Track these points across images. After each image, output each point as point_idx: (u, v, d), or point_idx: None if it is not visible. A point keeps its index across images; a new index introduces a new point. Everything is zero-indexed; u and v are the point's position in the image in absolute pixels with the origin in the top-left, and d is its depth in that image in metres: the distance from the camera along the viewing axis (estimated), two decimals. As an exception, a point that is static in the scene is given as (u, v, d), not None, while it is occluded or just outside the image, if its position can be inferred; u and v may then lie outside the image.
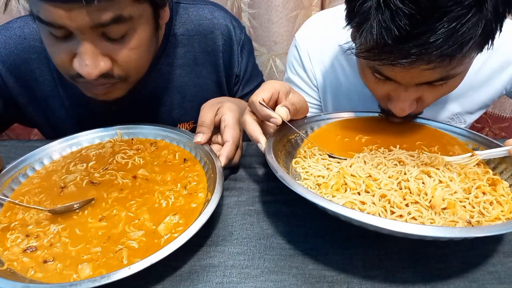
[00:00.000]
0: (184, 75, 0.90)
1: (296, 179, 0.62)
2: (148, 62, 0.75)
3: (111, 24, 0.62)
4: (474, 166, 0.62)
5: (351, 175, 0.58)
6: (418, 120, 0.75)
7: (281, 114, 0.61)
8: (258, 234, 0.60)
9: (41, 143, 0.76)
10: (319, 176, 0.60)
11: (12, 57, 0.81)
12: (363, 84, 0.87)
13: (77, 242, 0.56)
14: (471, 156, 0.62)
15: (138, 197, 0.63)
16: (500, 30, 0.55)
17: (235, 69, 0.94)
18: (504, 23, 0.55)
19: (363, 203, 0.53)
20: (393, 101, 0.67)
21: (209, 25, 0.88)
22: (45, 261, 0.53)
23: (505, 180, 0.60)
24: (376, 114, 0.77)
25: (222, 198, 0.67)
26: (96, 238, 0.56)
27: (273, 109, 0.63)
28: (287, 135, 0.68)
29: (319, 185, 0.58)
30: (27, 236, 0.57)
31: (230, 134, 0.69)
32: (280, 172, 0.53)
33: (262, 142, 0.61)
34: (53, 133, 0.92)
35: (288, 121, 0.63)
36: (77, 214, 0.61)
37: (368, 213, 0.50)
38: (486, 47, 0.56)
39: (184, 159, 0.72)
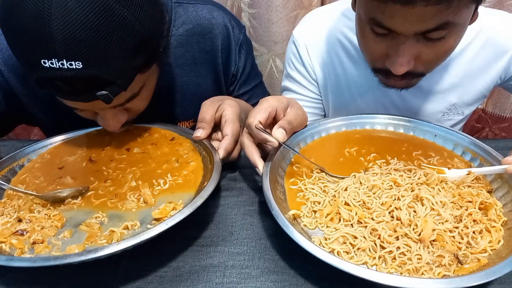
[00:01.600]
0: (183, 74, 0.90)
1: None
2: None
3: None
4: (471, 181, 0.62)
5: (345, 203, 0.59)
6: (417, 126, 0.75)
7: (277, 136, 0.61)
8: (258, 234, 0.60)
9: (40, 143, 0.76)
10: (315, 202, 0.60)
11: (14, 58, 0.81)
12: (362, 76, 0.87)
13: (68, 227, 0.57)
14: (467, 174, 0.62)
15: (136, 167, 0.68)
16: None
17: (232, 68, 0.94)
18: None
19: (355, 237, 0.54)
20: (391, 58, 0.66)
21: (208, 25, 0.89)
22: (34, 243, 0.53)
23: (500, 196, 0.60)
24: (377, 126, 0.76)
25: (221, 198, 0.68)
26: (90, 219, 0.57)
27: (272, 124, 0.63)
28: (284, 153, 0.68)
29: (314, 212, 0.59)
30: (19, 221, 0.58)
31: (229, 128, 0.69)
32: (275, 211, 0.54)
33: (260, 166, 0.62)
34: (55, 132, 0.92)
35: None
36: (69, 203, 0.61)
37: (359, 249, 0.52)
38: None
39: (173, 138, 0.76)
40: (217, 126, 0.73)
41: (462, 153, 0.69)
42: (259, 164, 0.62)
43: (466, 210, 0.56)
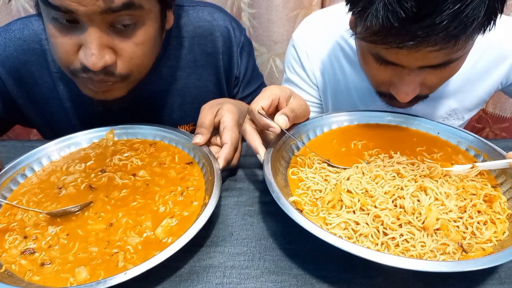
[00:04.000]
0: (184, 77, 0.90)
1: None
2: (151, 63, 0.74)
3: (121, 11, 0.60)
4: (476, 176, 0.62)
5: (347, 191, 0.58)
6: (420, 123, 0.74)
7: (279, 123, 0.60)
8: (258, 235, 0.60)
9: (40, 143, 0.75)
10: (316, 190, 0.60)
11: (11, 59, 0.81)
12: (362, 81, 0.86)
13: (75, 245, 0.56)
14: (471, 168, 0.61)
15: (140, 198, 0.63)
16: (502, 11, 0.56)
17: (235, 70, 0.94)
18: (505, 3, 0.56)
19: (357, 223, 0.53)
20: (396, 86, 0.66)
21: (209, 27, 0.88)
22: (42, 264, 0.53)
23: (504, 191, 0.60)
24: (376, 120, 0.76)
25: (221, 198, 0.67)
26: (94, 241, 0.56)
27: (274, 113, 0.63)
28: (287, 142, 0.67)
29: (316, 199, 0.59)
30: (25, 237, 0.57)
31: (228, 136, 0.68)
32: (276, 193, 0.54)
33: (261, 153, 0.61)
34: (52, 134, 0.91)
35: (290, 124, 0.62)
36: (76, 216, 0.60)
37: (361, 235, 0.52)
38: (488, 28, 0.56)
39: (188, 162, 0.71)
40: (216, 129, 0.73)
41: (466, 149, 0.69)
42: (261, 150, 0.61)
43: (471, 201, 0.56)
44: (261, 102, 0.61)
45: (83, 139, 0.78)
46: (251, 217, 0.64)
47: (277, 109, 0.64)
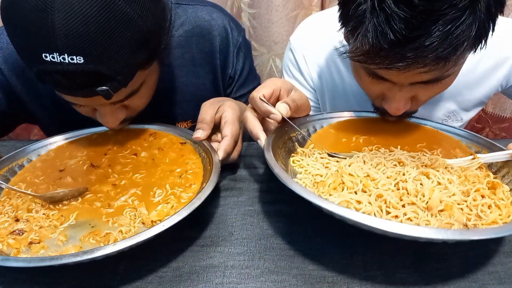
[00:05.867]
0: (182, 75, 0.90)
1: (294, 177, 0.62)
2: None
3: (128, 98, 0.69)
4: (475, 169, 0.61)
5: (349, 174, 0.57)
6: (420, 122, 0.75)
7: (281, 110, 0.60)
8: (258, 235, 0.60)
9: (40, 143, 0.76)
10: (317, 174, 0.60)
11: (14, 56, 0.81)
12: (359, 85, 0.88)
13: (66, 228, 0.56)
14: (472, 159, 0.61)
15: (142, 172, 0.66)
16: (493, 30, 0.56)
17: (229, 70, 0.95)
18: (496, 22, 0.56)
19: (359, 202, 0.52)
20: (387, 101, 0.67)
21: (207, 26, 0.89)
22: (30, 243, 0.53)
23: (506, 184, 0.59)
24: (375, 114, 0.76)
25: (221, 198, 0.68)
26: (87, 221, 0.57)
27: (275, 104, 0.63)
28: (288, 133, 0.68)
29: (317, 183, 0.58)
30: (17, 220, 0.57)
31: (229, 129, 0.69)
32: (277, 169, 0.53)
33: (262, 138, 0.61)
34: (55, 131, 0.92)
35: (290, 120, 0.63)
36: (69, 203, 0.61)
37: (364, 213, 0.50)
38: (479, 47, 0.57)
39: (181, 143, 0.74)
40: (216, 127, 0.73)
41: (466, 145, 0.69)
42: (262, 136, 0.61)
43: (474, 186, 0.55)
44: (263, 90, 0.62)
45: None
46: (251, 217, 0.64)
47: (278, 100, 0.65)
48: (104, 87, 0.59)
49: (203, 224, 0.62)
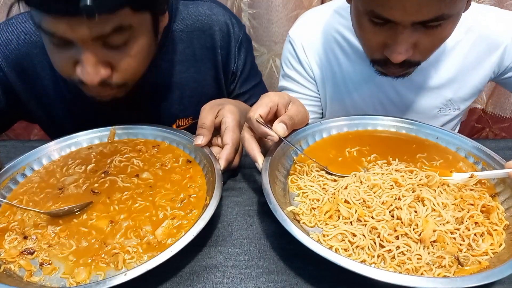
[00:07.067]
0: (183, 71, 0.90)
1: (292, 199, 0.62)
2: (146, 67, 0.75)
3: (111, 34, 0.62)
4: (474, 184, 0.62)
5: (345, 201, 0.58)
6: (420, 133, 0.74)
7: (278, 131, 0.61)
8: (258, 235, 0.60)
9: (40, 143, 0.76)
10: (314, 199, 0.60)
11: (14, 52, 0.81)
12: (357, 72, 0.88)
13: (74, 246, 0.56)
14: (470, 177, 0.61)
15: (141, 200, 0.63)
16: None
17: (232, 66, 0.94)
18: None
19: (353, 235, 0.54)
20: (390, 47, 0.67)
21: (208, 21, 0.89)
22: (41, 264, 0.53)
23: (503, 201, 0.60)
24: (374, 127, 0.76)
25: (222, 198, 0.67)
26: (94, 242, 0.56)
27: (273, 120, 0.63)
28: (286, 149, 0.67)
29: (313, 209, 0.59)
30: (25, 238, 0.57)
31: (230, 137, 0.68)
32: (274, 205, 0.54)
33: (260, 161, 0.61)
34: (54, 129, 0.91)
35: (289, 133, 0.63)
36: (76, 217, 0.60)
37: (358, 247, 0.52)
38: None
39: (188, 161, 0.71)
40: (217, 130, 0.73)
41: (465, 156, 0.69)
42: (259, 159, 0.62)
43: (468, 212, 0.56)
44: (259, 110, 0.61)
45: (84, 139, 0.78)
46: (251, 217, 0.64)
47: (275, 116, 0.65)
48: (87, 2, 0.55)
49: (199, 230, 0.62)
